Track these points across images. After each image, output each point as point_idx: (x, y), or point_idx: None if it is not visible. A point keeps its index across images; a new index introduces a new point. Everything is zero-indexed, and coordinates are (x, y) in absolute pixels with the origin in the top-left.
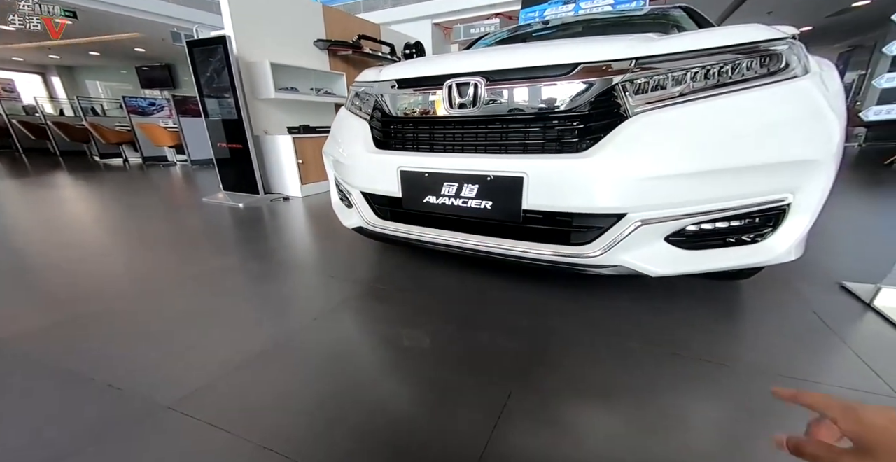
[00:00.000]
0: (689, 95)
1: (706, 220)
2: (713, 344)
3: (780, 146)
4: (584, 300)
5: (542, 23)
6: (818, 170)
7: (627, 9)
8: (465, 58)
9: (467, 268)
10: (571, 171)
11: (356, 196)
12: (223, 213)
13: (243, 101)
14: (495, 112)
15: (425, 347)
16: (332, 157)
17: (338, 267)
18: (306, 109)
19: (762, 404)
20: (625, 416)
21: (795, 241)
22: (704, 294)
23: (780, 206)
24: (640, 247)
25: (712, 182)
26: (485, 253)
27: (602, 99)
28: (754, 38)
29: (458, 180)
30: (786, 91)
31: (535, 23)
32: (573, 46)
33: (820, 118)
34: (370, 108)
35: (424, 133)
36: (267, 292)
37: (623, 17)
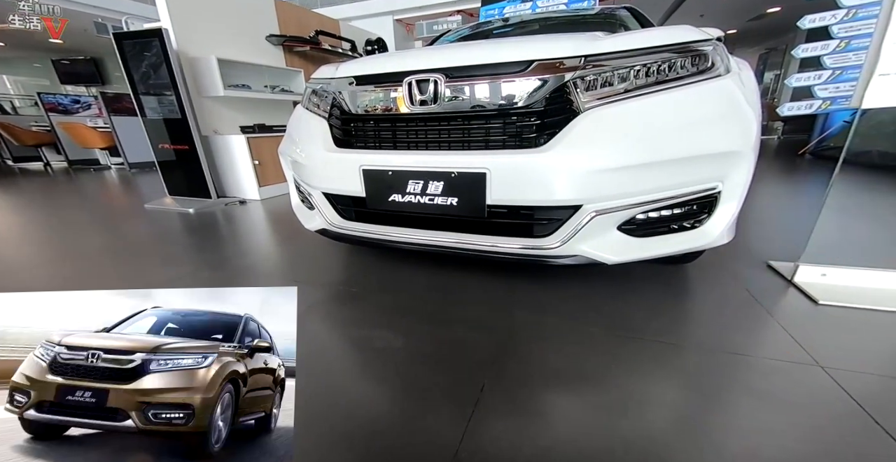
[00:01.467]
0: (633, 92)
1: (652, 209)
2: (665, 325)
3: (709, 139)
4: (549, 289)
5: (502, 20)
6: (741, 160)
7: (580, 8)
8: (424, 54)
9: (437, 265)
10: (530, 165)
11: (317, 197)
12: (171, 220)
13: (187, 99)
14: (456, 108)
15: (398, 347)
16: (290, 158)
17: (303, 271)
18: (262, 108)
19: (709, 380)
20: (591, 399)
21: (727, 225)
22: (657, 278)
23: (713, 194)
24: (596, 236)
25: (655, 173)
26: (452, 249)
27: (556, 95)
28: (685, 38)
29: (423, 178)
30: (712, 88)
31: (496, 20)
32: (527, 44)
33: (740, 113)
34: (328, 106)
35: (386, 130)
36: None
37: (577, 16)
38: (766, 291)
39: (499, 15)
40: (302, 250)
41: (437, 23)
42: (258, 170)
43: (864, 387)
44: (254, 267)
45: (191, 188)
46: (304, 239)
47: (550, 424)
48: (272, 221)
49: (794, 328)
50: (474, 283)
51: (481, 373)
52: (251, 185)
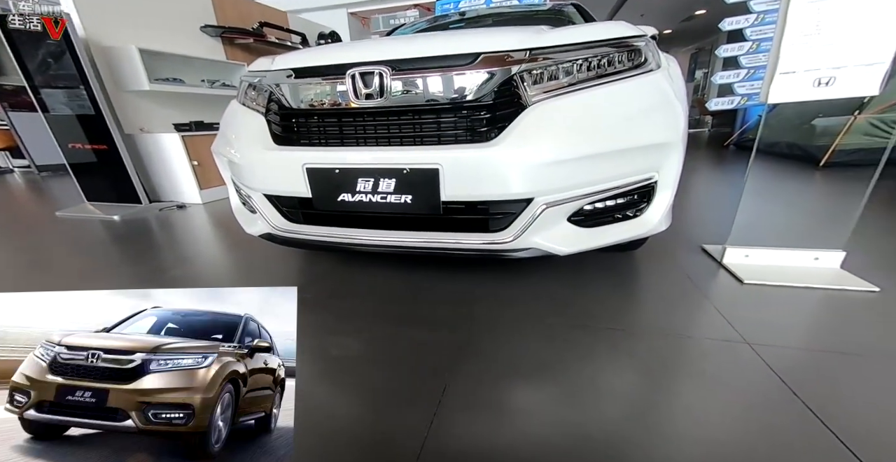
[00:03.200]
0: (576, 85)
1: (598, 200)
2: (615, 311)
3: (645, 131)
4: (507, 284)
5: (458, 14)
6: (672, 151)
7: (532, 4)
8: (368, 46)
9: (395, 266)
10: (481, 160)
11: (258, 199)
12: (91, 229)
13: (101, 94)
14: (404, 102)
15: (355, 354)
16: (225, 157)
17: (252, 280)
18: (200, 104)
19: (655, 363)
20: (550, 390)
21: (664, 213)
22: (607, 267)
23: (650, 184)
24: (548, 229)
25: (599, 164)
26: (409, 249)
27: (504, 88)
28: (621, 34)
29: (373, 175)
30: (645, 83)
31: (453, 14)
32: (474, 37)
33: (671, 107)
34: (265, 101)
35: (331, 126)
36: None
37: (530, 12)
38: (701, 274)
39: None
40: (249, 257)
41: (394, 17)
42: (198, 171)
43: (783, 360)
44: (195, 277)
45: (115, 193)
46: (251, 245)
47: (512, 418)
48: (216, 226)
49: (725, 308)
50: (435, 282)
51: (443, 373)
52: (191, 188)
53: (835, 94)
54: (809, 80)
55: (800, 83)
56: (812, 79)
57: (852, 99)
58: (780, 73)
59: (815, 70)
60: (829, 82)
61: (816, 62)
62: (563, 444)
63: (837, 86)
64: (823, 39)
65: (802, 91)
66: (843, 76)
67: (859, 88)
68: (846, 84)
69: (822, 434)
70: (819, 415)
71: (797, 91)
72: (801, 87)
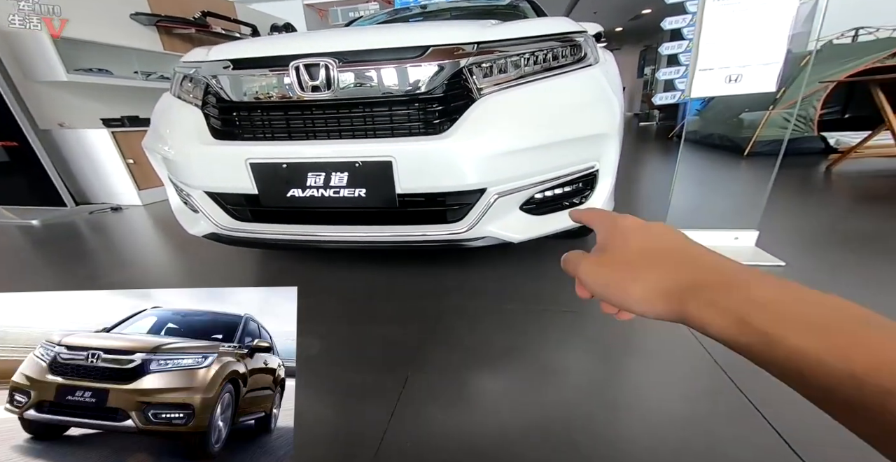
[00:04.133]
0: (523, 78)
1: (547, 188)
2: (570, 296)
3: (586, 122)
4: (469, 273)
5: (420, 7)
6: (610, 141)
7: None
8: (312, 38)
9: (359, 262)
10: (434, 151)
11: (199, 197)
12: (7, 234)
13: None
14: (354, 95)
15: (314, 353)
16: (159, 154)
17: (202, 282)
18: (133, 97)
19: (605, 343)
20: (510, 374)
21: (606, 199)
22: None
23: (593, 172)
24: (502, 217)
25: (546, 154)
26: (368, 243)
27: (454, 81)
28: (563, 29)
29: (324, 169)
30: (586, 77)
31: (414, 7)
32: (422, 30)
33: (607, 100)
34: (202, 93)
35: (276, 120)
36: None
37: (489, 6)
38: None
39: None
40: (199, 258)
41: (354, 9)
42: (134, 170)
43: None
44: (132, 281)
45: (31, 195)
46: (201, 245)
47: (474, 405)
48: (160, 228)
49: None
50: (401, 277)
51: (405, 365)
52: (127, 189)
53: (742, 90)
54: (723, 77)
55: (716, 79)
56: (724, 75)
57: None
58: (700, 69)
59: (727, 68)
60: (737, 79)
61: (728, 61)
62: (525, 428)
63: (744, 82)
64: (733, 41)
65: (718, 86)
66: (748, 73)
67: (760, 84)
68: (750, 81)
69: (738, 399)
70: (736, 382)
71: (714, 86)
72: (717, 82)
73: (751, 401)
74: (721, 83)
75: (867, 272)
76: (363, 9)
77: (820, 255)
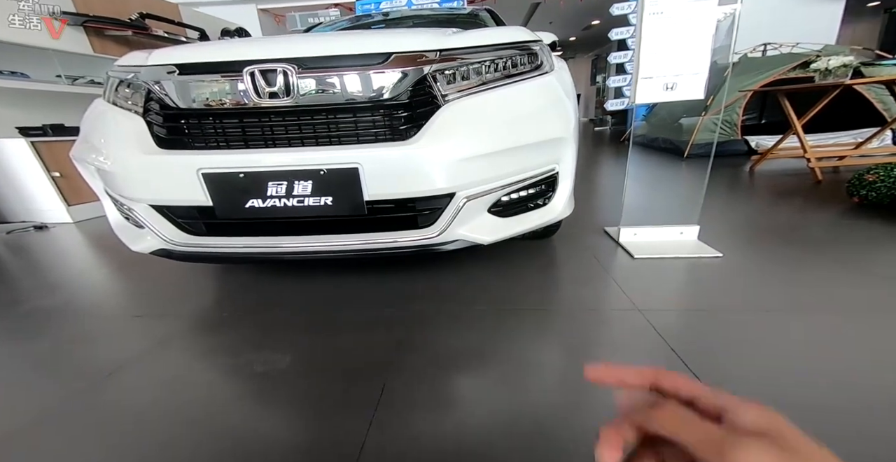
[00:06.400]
0: (486, 84)
1: (513, 191)
2: (538, 294)
3: (545, 127)
4: (446, 279)
5: (382, 15)
6: (567, 145)
7: (453, 7)
8: (269, 43)
9: (328, 272)
10: (402, 157)
11: (143, 211)
12: None
13: None
14: (315, 102)
15: (284, 367)
16: (91, 165)
17: (149, 303)
18: (58, 104)
19: (572, 337)
20: (485, 376)
21: (566, 200)
22: (531, 254)
23: (553, 175)
24: (471, 220)
25: (510, 158)
26: (337, 253)
27: (419, 87)
28: (520, 38)
29: (286, 178)
30: (543, 83)
31: (376, 14)
32: (385, 37)
33: (563, 105)
34: (143, 100)
35: (232, 127)
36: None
37: (451, 15)
38: (604, 253)
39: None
40: (143, 278)
41: (314, 15)
42: (61, 184)
43: (664, 322)
44: (65, 307)
45: None
46: (146, 264)
47: (452, 409)
48: (96, 247)
49: (622, 281)
50: (372, 284)
51: (381, 373)
52: (54, 205)
53: (677, 97)
54: (661, 85)
55: (656, 87)
56: (662, 83)
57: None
58: (642, 77)
59: (664, 76)
60: (672, 87)
61: (664, 70)
62: (502, 430)
63: (678, 90)
64: (667, 51)
65: (658, 93)
66: (681, 82)
67: (691, 92)
68: (683, 89)
69: None
70: (690, 367)
71: (654, 93)
72: (657, 90)
73: (691, 369)
74: (660, 90)
75: (790, 258)
76: (323, 15)
77: (751, 245)
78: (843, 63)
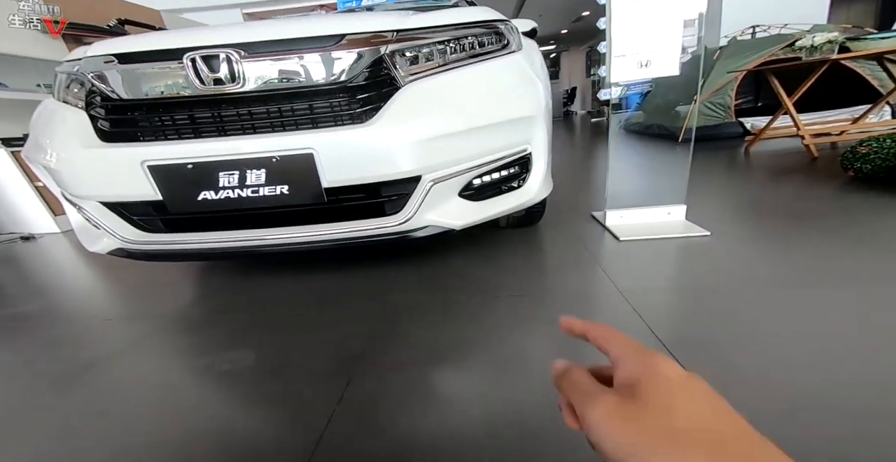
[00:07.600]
0: (447, 65)
1: (482, 173)
2: (521, 281)
3: (511, 106)
4: (421, 267)
5: (366, 9)
6: (538, 124)
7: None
8: (214, 30)
9: (303, 267)
10: (359, 140)
11: (94, 209)
12: None
13: None
14: (264, 87)
15: (249, 365)
16: (40, 163)
17: (122, 307)
18: None
19: (553, 325)
20: (460, 367)
21: (542, 181)
22: (518, 241)
23: (525, 155)
24: (441, 205)
25: (475, 139)
26: (301, 245)
27: (374, 69)
28: (484, 17)
29: (237, 167)
30: (509, 62)
31: (359, 9)
32: (337, 20)
33: (531, 84)
34: (84, 93)
35: (178, 116)
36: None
37: (433, 7)
38: (591, 237)
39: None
40: (128, 283)
41: None
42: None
43: (643, 301)
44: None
45: None
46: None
47: (421, 402)
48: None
49: (606, 264)
50: (344, 276)
51: (348, 369)
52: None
53: (652, 74)
54: (635, 62)
55: (629, 65)
56: (636, 61)
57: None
58: (615, 56)
59: (638, 54)
60: (647, 64)
61: (638, 47)
62: (473, 427)
63: (653, 67)
64: (639, 28)
65: (632, 71)
66: (655, 59)
67: (666, 69)
68: (658, 66)
69: None
70: (674, 354)
71: (629, 71)
72: (631, 68)
73: (683, 367)
74: (634, 68)
75: (777, 235)
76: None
77: (739, 223)
78: (827, 39)
